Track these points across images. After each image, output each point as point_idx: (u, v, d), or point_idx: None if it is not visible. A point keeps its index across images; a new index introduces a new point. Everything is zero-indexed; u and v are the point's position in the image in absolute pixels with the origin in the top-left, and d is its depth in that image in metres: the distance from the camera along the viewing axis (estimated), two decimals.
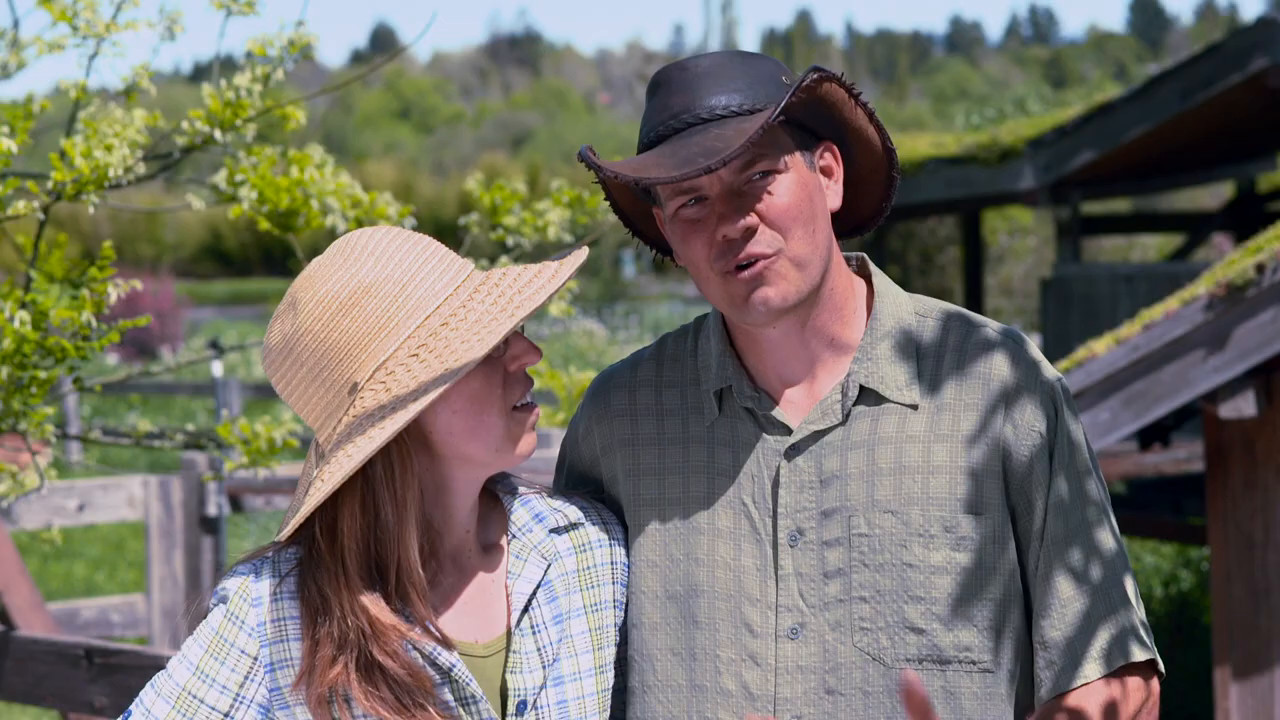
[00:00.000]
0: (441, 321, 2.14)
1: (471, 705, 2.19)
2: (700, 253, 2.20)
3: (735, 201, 2.18)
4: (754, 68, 2.22)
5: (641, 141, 2.24)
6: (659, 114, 2.22)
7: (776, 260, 2.18)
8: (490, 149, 70.56)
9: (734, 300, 2.20)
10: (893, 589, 2.20)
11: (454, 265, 2.20)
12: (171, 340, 28.10)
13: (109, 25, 3.77)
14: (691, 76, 2.21)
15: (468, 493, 2.24)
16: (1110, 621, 2.23)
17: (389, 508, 2.16)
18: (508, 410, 2.19)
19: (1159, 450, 8.64)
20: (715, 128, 2.16)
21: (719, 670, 2.25)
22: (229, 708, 2.19)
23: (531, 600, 2.25)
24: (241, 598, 2.22)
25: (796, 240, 2.19)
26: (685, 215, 2.21)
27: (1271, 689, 6.28)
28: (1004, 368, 2.25)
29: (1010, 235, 23.63)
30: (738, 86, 2.20)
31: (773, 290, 2.18)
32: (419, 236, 2.22)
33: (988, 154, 11.62)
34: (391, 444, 2.15)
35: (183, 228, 55.16)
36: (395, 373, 2.13)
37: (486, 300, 2.16)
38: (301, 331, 2.17)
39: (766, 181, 2.18)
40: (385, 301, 2.14)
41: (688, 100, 2.19)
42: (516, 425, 2.20)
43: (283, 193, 3.98)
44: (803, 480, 2.25)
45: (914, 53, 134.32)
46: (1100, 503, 2.27)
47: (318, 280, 2.17)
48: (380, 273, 2.15)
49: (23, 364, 3.48)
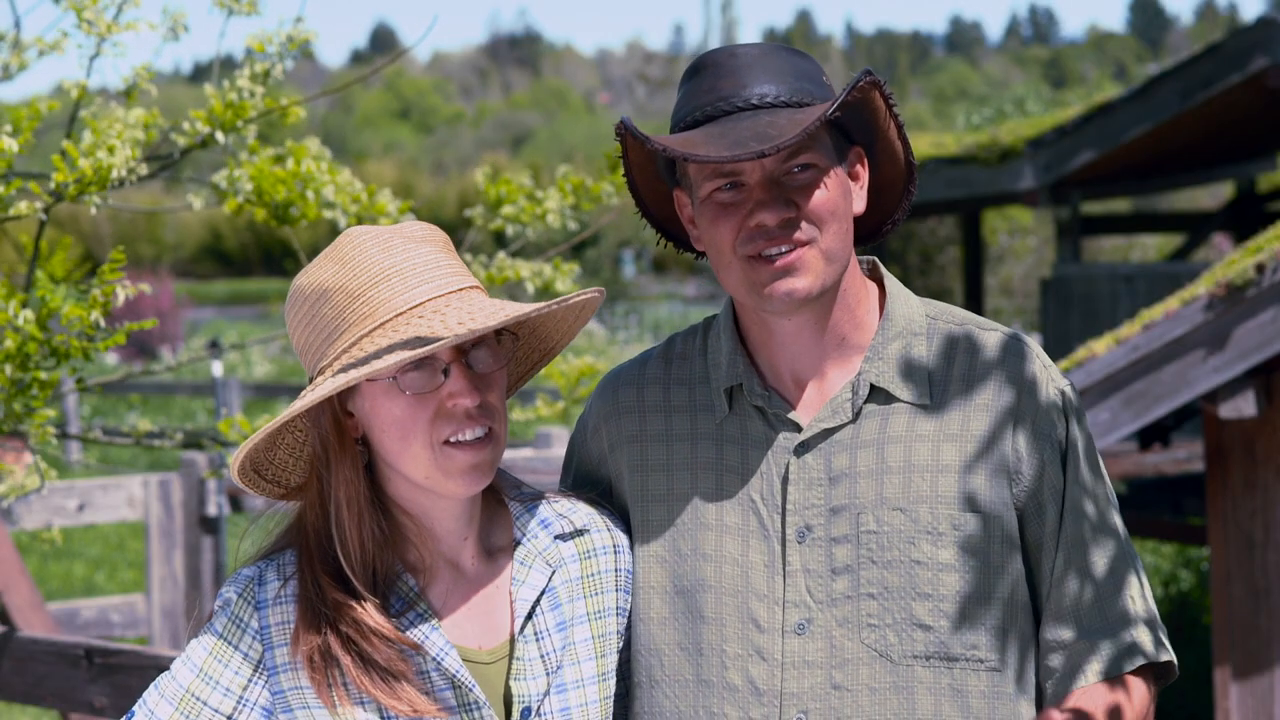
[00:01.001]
0: (384, 334, 2.16)
1: (475, 711, 2.19)
2: (727, 237, 2.22)
3: (774, 190, 2.20)
4: (798, 63, 2.25)
5: (682, 120, 2.25)
6: (705, 95, 2.23)
7: (808, 250, 2.20)
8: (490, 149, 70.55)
9: (756, 287, 2.22)
10: (901, 586, 2.21)
11: (429, 282, 2.19)
12: (171, 340, 28.09)
13: (110, 25, 3.78)
14: (741, 63, 2.23)
15: (440, 506, 2.24)
16: (1122, 625, 2.24)
17: (330, 504, 2.22)
18: (435, 444, 2.18)
19: (1159, 450, 8.65)
20: (766, 115, 2.19)
21: (725, 665, 2.26)
22: (232, 710, 2.20)
23: (535, 607, 2.26)
24: (245, 601, 2.23)
25: (830, 234, 2.21)
26: (720, 199, 2.22)
27: (1271, 689, 6.28)
28: (1014, 371, 2.27)
29: (1010, 235, 23.63)
30: (784, 79, 2.23)
31: (800, 281, 2.20)
32: (404, 245, 2.21)
33: (988, 154, 11.61)
34: (331, 444, 2.21)
35: (183, 228, 55.14)
36: (329, 371, 2.18)
37: (422, 326, 2.16)
38: (289, 313, 2.26)
39: (806, 174, 2.21)
40: (335, 310, 2.19)
41: (736, 85, 2.22)
42: (446, 460, 2.18)
43: (279, 184, 3.98)
44: (812, 477, 2.26)
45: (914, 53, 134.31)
46: (1108, 505, 2.29)
47: (307, 271, 2.24)
48: (339, 280, 2.19)
49: (25, 365, 3.48)
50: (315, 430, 2.23)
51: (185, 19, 3.87)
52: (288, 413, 2.18)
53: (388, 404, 2.18)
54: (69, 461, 16.90)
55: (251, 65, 3.85)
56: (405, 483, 2.23)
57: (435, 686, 2.19)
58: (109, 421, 20.72)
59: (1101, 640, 2.23)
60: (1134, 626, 2.25)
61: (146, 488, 8.29)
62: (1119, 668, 2.23)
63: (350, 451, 2.21)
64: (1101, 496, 2.28)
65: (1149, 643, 2.25)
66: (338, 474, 2.21)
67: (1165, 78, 10.69)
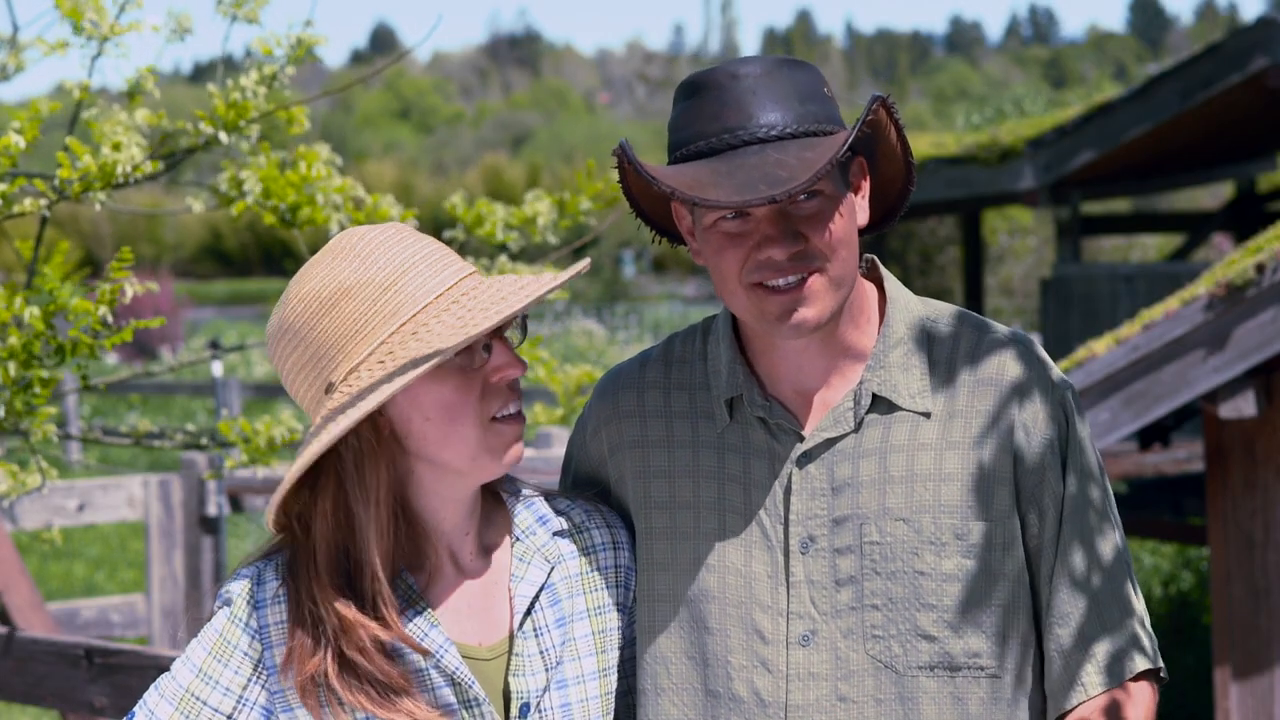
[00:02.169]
0: (413, 330, 2.14)
1: (475, 708, 2.19)
2: (733, 266, 2.19)
3: (782, 224, 2.17)
4: (800, 81, 2.21)
5: (684, 146, 2.21)
6: (709, 123, 2.19)
7: (816, 280, 2.18)
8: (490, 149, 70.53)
9: (764, 316, 2.19)
10: (905, 597, 2.20)
11: (445, 270, 2.19)
12: (171, 340, 28.10)
13: (113, 26, 3.78)
14: (744, 86, 2.18)
15: (455, 498, 2.23)
16: (1123, 629, 2.24)
17: (359, 508, 2.17)
18: (484, 421, 2.18)
19: (1159, 450, 8.64)
20: (774, 151, 2.15)
21: (731, 676, 2.25)
22: (231, 709, 2.20)
23: (534, 603, 2.25)
24: (244, 600, 2.23)
25: (838, 262, 2.19)
26: (725, 228, 2.19)
27: (1271, 689, 6.28)
28: (1016, 374, 2.26)
29: (1010, 235, 23.62)
30: (789, 104, 2.18)
31: (810, 311, 2.18)
32: (415, 237, 2.21)
33: (988, 154, 11.62)
34: (362, 445, 2.16)
35: (183, 228, 55.14)
36: (363, 377, 2.14)
37: (459, 311, 2.15)
38: (287, 325, 2.19)
39: (814, 203, 2.18)
40: (364, 305, 2.15)
41: (741, 116, 2.17)
42: (495, 437, 2.18)
43: (288, 188, 3.98)
44: (814, 487, 2.25)
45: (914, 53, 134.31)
46: (1109, 509, 2.28)
47: (306, 277, 2.19)
48: (362, 275, 2.15)
49: (28, 362, 3.49)
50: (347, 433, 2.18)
51: (190, 21, 3.87)
52: (352, 416, 2.10)
53: (435, 388, 2.16)
54: (69, 461, 16.91)
55: (258, 69, 3.85)
56: (429, 475, 2.21)
57: (434, 684, 2.19)
58: (109, 421, 20.71)
59: (1103, 646, 2.22)
60: (1134, 632, 2.24)
61: (146, 488, 8.29)
62: (1123, 673, 2.22)
63: (386, 449, 2.18)
64: (1101, 500, 2.27)
65: (1149, 647, 2.25)
66: (372, 475, 2.16)
67: (1165, 78, 10.69)
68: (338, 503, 2.18)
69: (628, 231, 37.49)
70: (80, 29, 3.76)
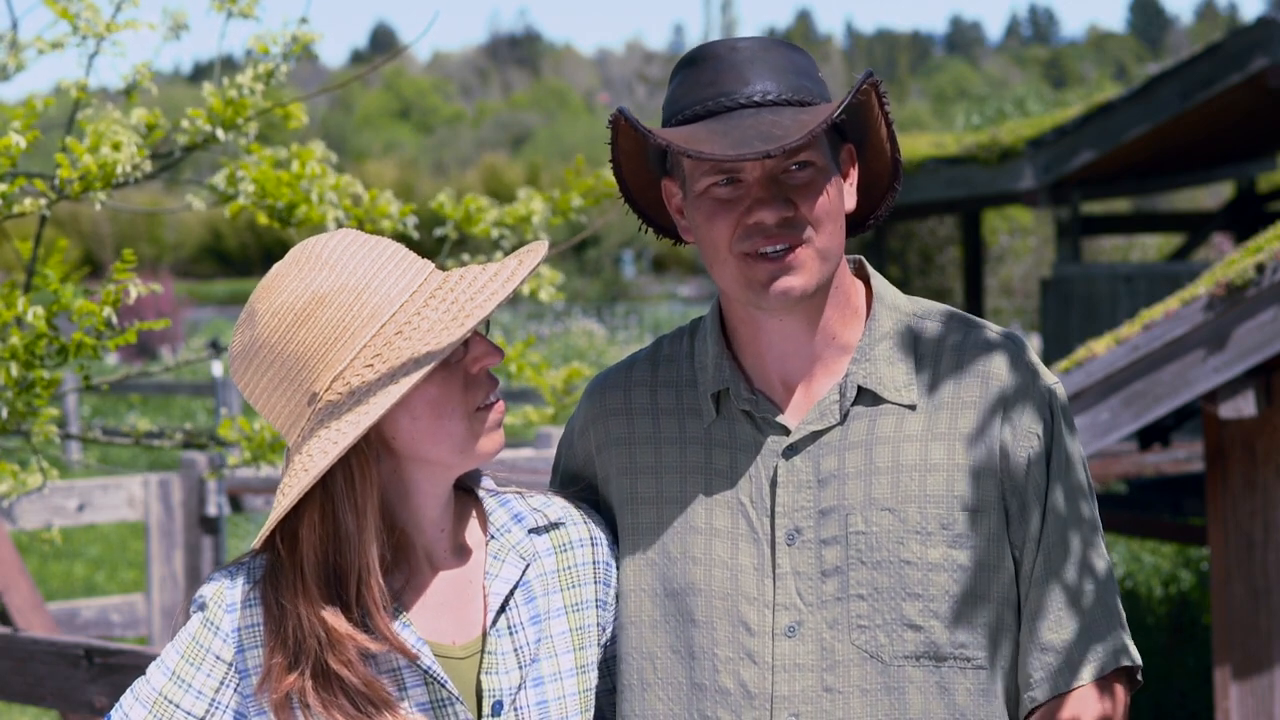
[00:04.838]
0: (396, 330, 2.14)
1: (448, 707, 2.19)
2: (724, 233, 2.21)
3: (773, 189, 2.20)
4: (796, 59, 2.26)
5: (678, 113, 2.25)
6: (705, 89, 2.23)
7: (804, 250, 2.20)
8: (490, 149, 70.53)
9: (751, 284, 2.21)
10: (890, 586, 2.21)
11: (410, 269, 2.19)
12: (171, 340, 28.11)
13: (109, 25, 3.77)
14: (742, 58, 2.23)
15: (436, 494, 2.24)
16: (1104, 626, 2.25)
17: (349, 517, 2.16)
18: (469, 413, 2.19)
19: (1159, 450, 8.65)
20: (769, 113, 2.19)
21: (717, 669, 2.26)
22: (204, 712, 2.20)
23: (509, 601, 2.25)
24: (217, 604, 2.22)
25: (825, 234, 2.22)
26: (717, 194, 2.22)
27: (1271, 689, 6.28)
28: (1002, 369, 2.27)
29: (1010, 235, 23.63)
30: (784, 75, 2.23)
31: (796, 279, 2.20)
32: (375, 241, 2.20)
33: (988, 154, 11.62)
34: (351, 453, 2.14)
35: (183, 228, 55.14)
36: (351, 383, 2.13)
37: (440, 307, 2.15)
38: (260, 342, 2.17)
39: (805, 173, 2.21)
40: (340, 311, 2.14)
41: (737, 81, 2.21)
42: (479, 425, 2.20)
43: (283, 187, 3.98)
44: (800, 480, 2.26)
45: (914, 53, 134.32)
46: (1091, 503, 2.29)
47: (274, 290, 2.17)
48: (335, 281, 2.15)
49: (30, 363, 3.48)
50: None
51: (186, 18, 3.86)
52: (362, 424, 2.10)
53: (422, 386, 2.15)
54: (69, 461, 16.91)
55: (254, 67, 3.85)
56: (413, 472, 2.21)
57: (407, 683, 2.18)
58: (109, 421, 20.72)
59: (1081, 643, 2.23)
60: (1112, 630, 2.26)
61: (146, 488, 8.30)
62: (1100, 670, 2.23)
63: (374, 453, 2.18)
64: (1083, 498, 2.28)
65: (1126, 645, 2.26)
66: (361, 480, 2.16)
67: (1165, 78, 10.69)
68: (325, 511, 2.16)
69: (628, 231, 37.49)
70: (77, 28, 3.76)
